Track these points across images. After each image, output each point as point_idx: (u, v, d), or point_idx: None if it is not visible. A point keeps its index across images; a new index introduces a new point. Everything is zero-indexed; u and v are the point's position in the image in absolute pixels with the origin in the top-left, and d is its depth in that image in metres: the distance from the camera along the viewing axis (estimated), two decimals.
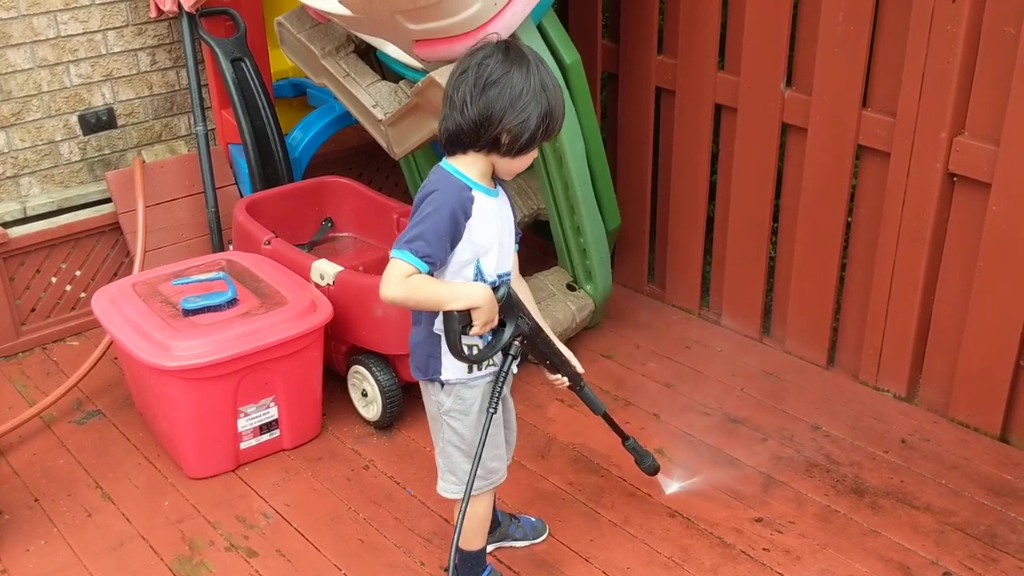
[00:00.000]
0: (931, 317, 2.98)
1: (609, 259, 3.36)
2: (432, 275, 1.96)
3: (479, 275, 2.03)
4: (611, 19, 3.58)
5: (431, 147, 3.67)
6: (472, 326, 1.98)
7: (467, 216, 1.96)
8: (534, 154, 2.01)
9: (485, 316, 1.97)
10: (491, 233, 2.02)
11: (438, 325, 2.05)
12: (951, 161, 2.76)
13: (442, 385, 2.13)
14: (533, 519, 2.58)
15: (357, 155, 4.05)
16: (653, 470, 2.58)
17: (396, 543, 2.57)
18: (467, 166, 1.99)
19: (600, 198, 3.28)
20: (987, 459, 2.82)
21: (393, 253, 1.94)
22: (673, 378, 3.24)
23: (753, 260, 3.37)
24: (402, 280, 1.92)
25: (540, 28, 2.99)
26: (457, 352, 2.01)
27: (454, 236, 1.96)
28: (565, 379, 2.25)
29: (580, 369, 2.28)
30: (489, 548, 2.42)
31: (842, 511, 2.64)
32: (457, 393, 2.13)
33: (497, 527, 2.49)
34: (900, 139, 2.84)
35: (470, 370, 2.10)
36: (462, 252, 1.99)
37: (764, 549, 2.52)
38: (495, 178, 2.05)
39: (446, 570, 2.42)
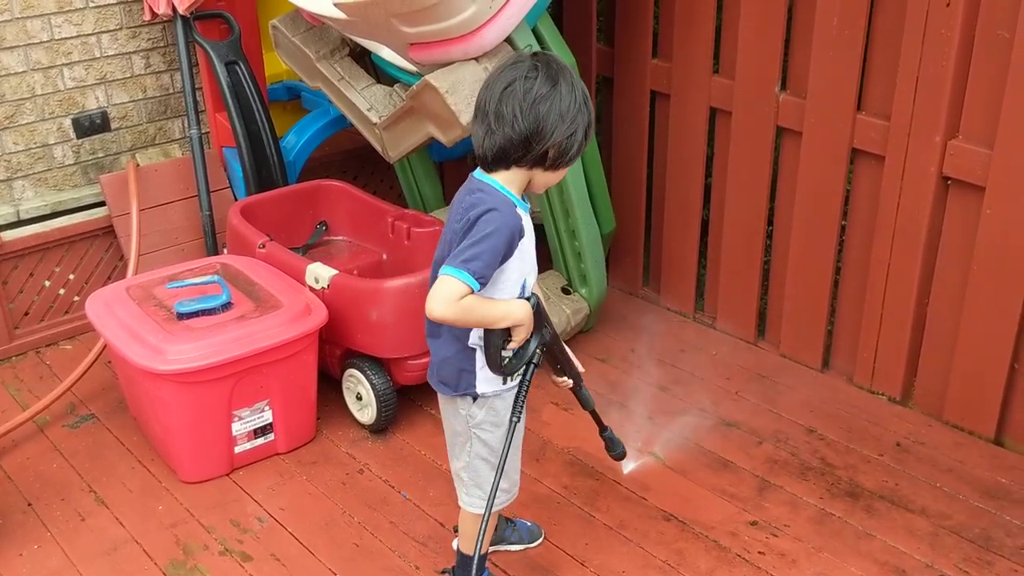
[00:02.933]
0: (925, 320, 2.98)
1: (604, 262, 3.36)
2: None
3: (523, 291, 2.03)
4: (606, 23, 3.58)
5: (425, 151, 3.67)
6: (511, 341, 1.98)
7: (521, 236, 1.96)
8: (568, 168, 2.00)
9: (525, 332, 1.98)
10: (531, 249, 2.03)
11: (473, 339, 2.04)
12: (945, 164, 2.76)
13: (474, 399, 2.12)
14: (529, 523, 2.58)
15: (352, 159, 4.05)
16: (620, 456, 2.52)
17: (391, 547, 2.57)
18: (509, 181, 1.96)
19: (595, 201, 3.28)
20: (982, 462, 2.82)
21: (447, 271, 1.90)
22: (668, 381, 3.24)
23: (748, 263, 3.37)
24: (455, 301, 1.88)
25: (535, 31, 2.99)
26: (498, 367, 2.01)
27: (507, 257, 1.95)
28: (570, 381, 2.24)
29: (581, 369, 2.28)
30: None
31: (837, 514, 2.64)
32: (491, 405, 2.12)
33: (494, 530, 2.48)
34: (894, 142, 2.85)
35: (504, 381, 2.10)
36: (511, 271, 1.98)
37: (759, 553, 2.51)
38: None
39: (442, 573, 2.41)
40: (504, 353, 2.00)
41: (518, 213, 1.96)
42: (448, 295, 1.88)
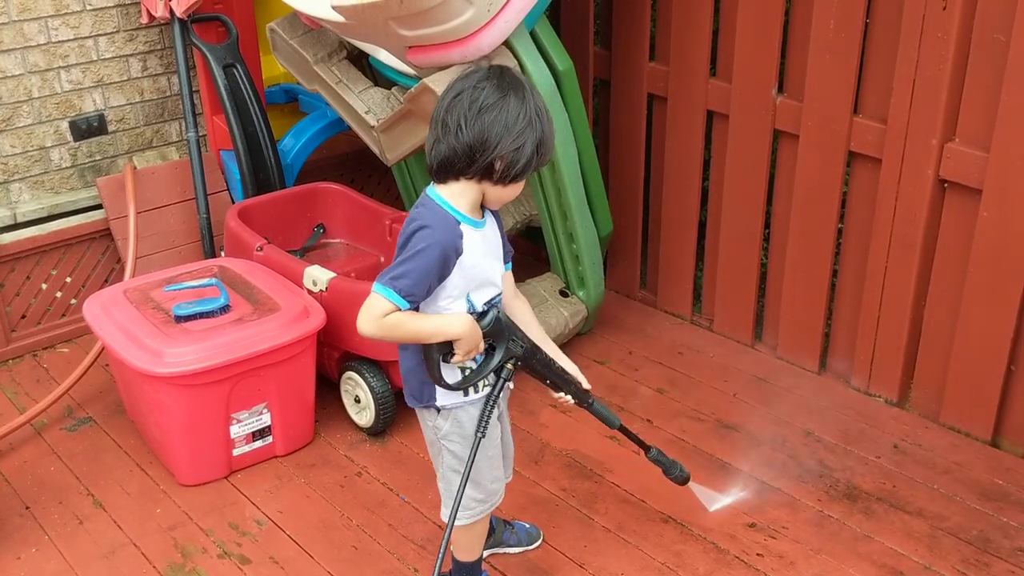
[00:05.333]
0: (922, 323, 2.99)
1: (602, 265, 3.36)
2: (417, 309, 1.94)
3: (470, 306, 2.01)
4: (603, 26, 3.59)
5: (423, 153, 3.66)
6: (454, 354, 1.97)
7: (458, 254, 1.93)
8: (523, 184, 1.96)
9: (467, 346, 1.96)
10: (481, 264, 1.99)
11: (423, 353, 2.02)
12: (942, 167, 2.77)
13: (438, 411, 2.11)
14: (527, 525, 2.58)
15: (349, 161, 4.05)
16: (683, 480, 2.50)
17: (390, 550, 2.57)
18: (456, 196, 1.93)
19: (593, 204, 3.29)
20: (979, 464, 2.83)
21: (374, 288, 1.91)
22: (666, 384, 3.25)
23: (745, 266, 3.38)
24: (380, 317, 1.90)
25: (532, 35, 3.00)
26: (437, 380, 2.00)
27: (442, 274, 1.93)
28: (569, 397, 2.22)
29: (586, 385, 2.23)
30: (484, 554, 2.41)
31: (835, 516, 2.64)
32: (455, 417, 2.11)
33: (492, 534, 2.48)
34: (891, 145, 2.86)
35: (465, 393, 2.08)
36: (452, 287, 1.96)
37: (758, 555, 2.52)
38: (482, 207, 2.00)
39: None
40: (448, 364, 1.99)
41: (459, 230, 1.92)
42: (373, 312, 1.90)
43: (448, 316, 1.97)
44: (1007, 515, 2.63)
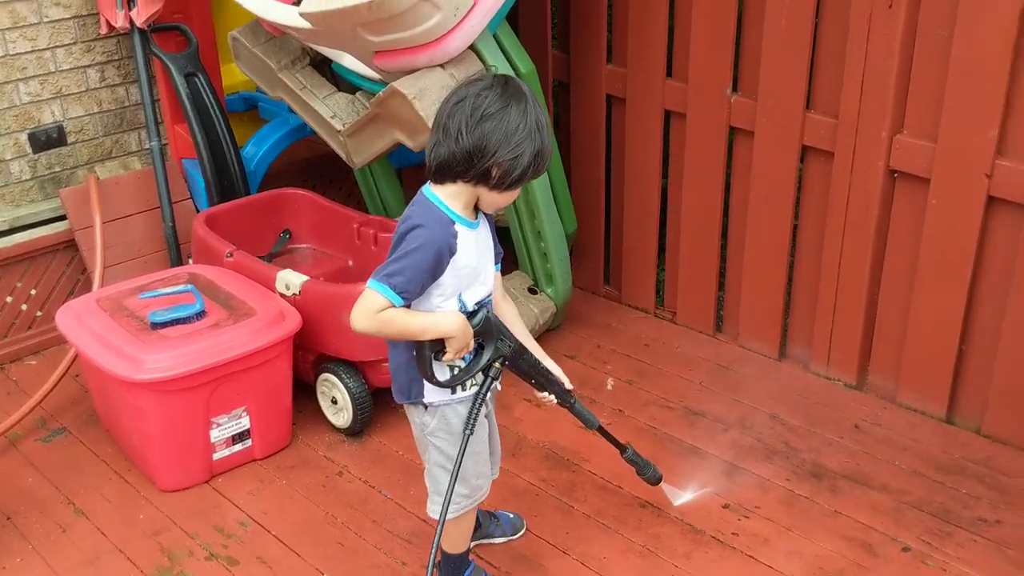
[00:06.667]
0: (877, 308, 3.13)
1: (569, 262, 3.44)
2: (408, 307, 1.98)
3: (461, 305, 2.06)
4: (560, 30, 3.67)
5: (387, 158, 3.71)
6: (445, 352, 2.02)
7: (452, 253, 1.98)
8: (519, 191, 2.02)
9: (458, 344, 2.01)
10: (473, 264, 2.04)
11: (415, 350, 2.06)
12: (892, 158, 2.91)
13: (426, 407, 2.16)
14: (511, 515, 2.64)
15: (310, 168, 4.08)
16: (655, 480, 2.58)
17: (376, 545, 2.61)
18: (451, 197, 1.98)
19: (557, 203, 3.36)
20: (935, 440, 2.97)
21: (369, 284, 1.95)
22: (634, 375, 3.34)
23: (705, 259, 3.48)
24: (374, 313, 1.94)
25: (495, 38, 3.07)
26: (428, 377, 2.05)
27: (436, 272, 1.97)
28: (551, 397, 2.28)
29: (568, 385, 2.30)
30: (471, 545, 2.46)
31: (804, 495, 2.75)
32: (441, 414, 2.16)
33: (479, 528, 2.53)
34: (843, 139, 2.98)
35: (453, 391, 2.13)
36: (445, 285, 2.00)
37: (733, 533, 2.62)
38: (476, 209, 2.06)
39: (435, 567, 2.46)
40: (440, 362, 2.04)
41: (453, 230, 1.97)
42: (367, 308, 1.94)
43: (441, 314, 2.02)
44: (965, 487, 2.76)
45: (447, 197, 1.99)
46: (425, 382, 2.10)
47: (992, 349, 2.88)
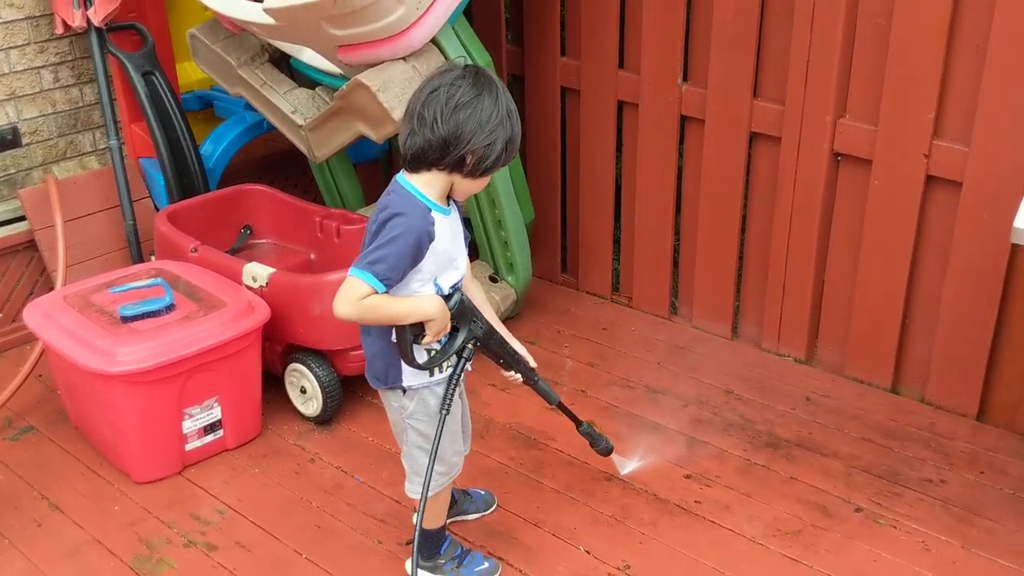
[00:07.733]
0: (824, 286, 3.27)
1: (529, 250, 3.53)
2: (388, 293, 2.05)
3: (438, 289, 2.13)
4: (514, 24, 3.76)
5: (345, 153, 3.77)
6: (424, 335, 2.09)
7: (431, 239, 2.04)
8: (489, 178, 2.10)
9: (437, 327, 2.09)
10: (449, 250, 2.11)
11: (395, 335, 2.13)
12: (836, 142, 3.05)
13: (404, 391, 2.23)
14: (483, 492, 2.72)
15: (266, 165, 4.10)
16: (607, 451, 2.70)
17: (352, 527, 2.67)
18: (426, 185, 2.04)
19: (516, 193, 3.45)
20: (882, 409, 3.12)
21: (352, 272, 2.01)
22: (595, 357, 3.45)
23: (659, 245, 3.60)
24: (358, 300, 2.00)
25: (454, 32, 3.15)
26: (409, 360, 2.13)
27: (416, 259, 2.04)
28: (518, 376, 2.38)
29: (533, 364, 2.40)
30: (446, 522, 2.54)
31: (761, 463, 2.88)
32: (420, 397, 2.22)
33: (454, 505, 2.61)
34: (789, 124, 3.12)
35: (431, 374, 2.20)
36: (424, 271, 2.07)
37: (696, 502, 2.73)
38: (449, 197, 2.13)
39: (407, 543, 2.54)
40: (419, 345, 2.11)
41: (431, 217, 2.04)
42: (351, 295, 2.01)
43: (421, 298, 2.09)
44: (911, 451, 2.92)
45: (422, 185, 2.05)
46: (403, 367, 2.17)
47: (933, 322, 3.04)
